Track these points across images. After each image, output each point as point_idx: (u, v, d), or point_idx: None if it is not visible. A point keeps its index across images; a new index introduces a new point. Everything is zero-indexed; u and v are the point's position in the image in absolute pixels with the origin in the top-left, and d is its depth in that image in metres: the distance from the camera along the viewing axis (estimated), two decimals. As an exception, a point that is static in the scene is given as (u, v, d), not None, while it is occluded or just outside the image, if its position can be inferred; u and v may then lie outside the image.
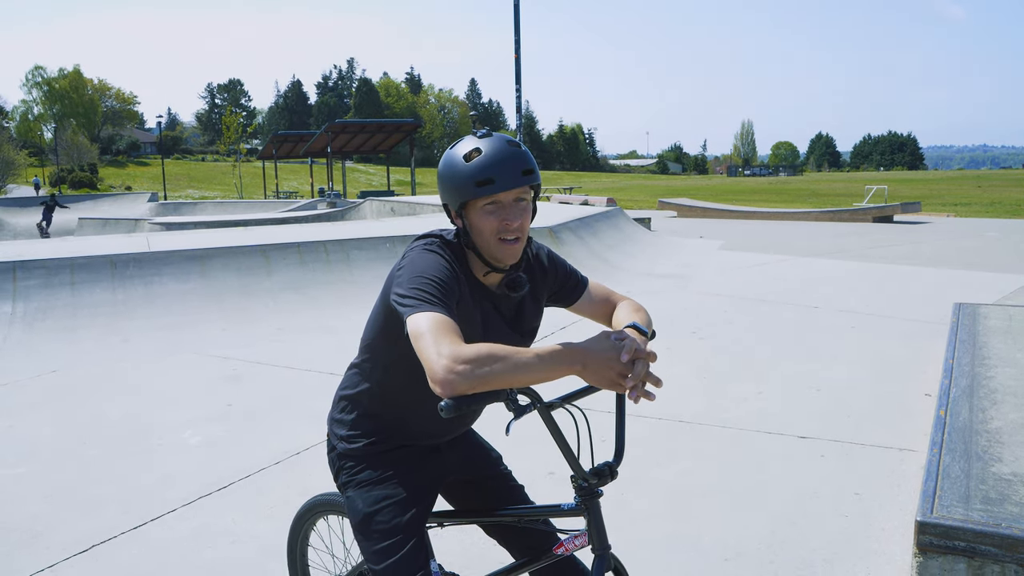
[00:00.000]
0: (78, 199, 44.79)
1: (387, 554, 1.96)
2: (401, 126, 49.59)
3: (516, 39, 24.05)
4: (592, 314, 2.20)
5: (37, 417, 5.51)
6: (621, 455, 1.89)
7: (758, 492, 4.09)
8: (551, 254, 2.16)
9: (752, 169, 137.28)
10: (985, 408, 3.95)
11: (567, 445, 1.82)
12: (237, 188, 67.65)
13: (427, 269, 1.80)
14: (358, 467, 2.07)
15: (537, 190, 1.96)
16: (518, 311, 2.07)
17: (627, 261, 13.05)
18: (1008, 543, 2.55)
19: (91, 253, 8.76)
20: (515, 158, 1.86)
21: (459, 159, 1.86)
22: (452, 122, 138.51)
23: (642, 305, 2.14)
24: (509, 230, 1.87)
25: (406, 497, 2.02)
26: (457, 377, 1.57)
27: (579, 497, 1.88)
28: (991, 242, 17.42)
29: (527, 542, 2.15)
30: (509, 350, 1.61)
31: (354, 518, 2.04)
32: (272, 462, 4.58)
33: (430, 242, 1.92)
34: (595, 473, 1.85)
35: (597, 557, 1.87)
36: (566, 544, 1.98)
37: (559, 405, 1.92)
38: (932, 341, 7.08)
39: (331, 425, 2.17)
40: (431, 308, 1.70)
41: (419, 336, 1.65)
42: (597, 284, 2.24)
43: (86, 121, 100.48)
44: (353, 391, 2.10)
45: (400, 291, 1.78)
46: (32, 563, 3.45)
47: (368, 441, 2.07)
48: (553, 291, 2.16)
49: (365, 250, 10.10)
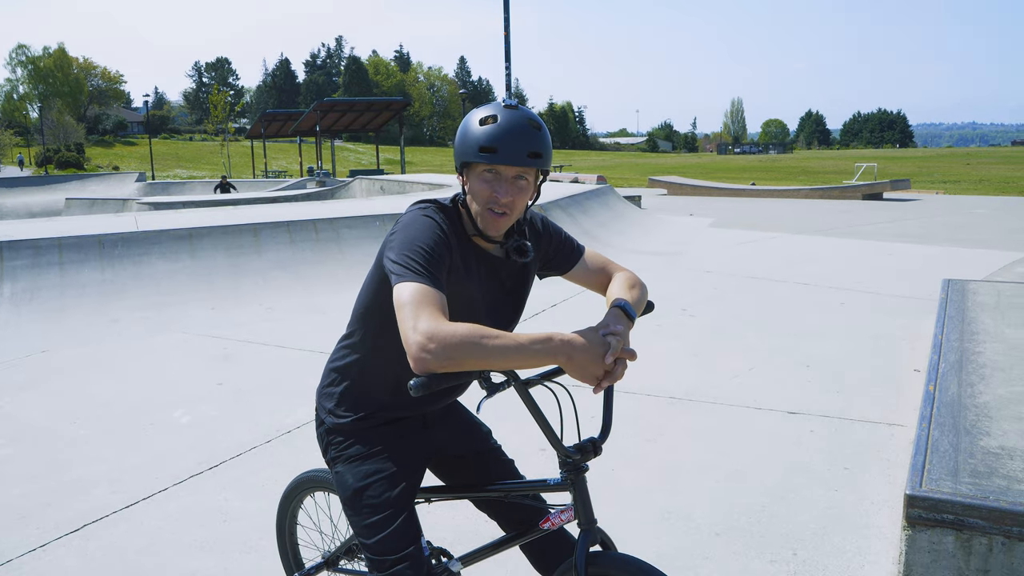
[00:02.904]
0: (65, 179, 44.40)
1: (378, 528, 1.96)
2: (390, 104, 49.19)
3: (505, 16, 23.86)
4: (588, 283, 2.18)
5: (26, 397, 5.49)
6: (608, 431, 1.90)
7: (748, 467, 4.11)
8: (545, 220, 2.14)
9: (742, 147, 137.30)
10: (973, 383, 3.97)
11: (546, 422, 1.82)
12: (225, 168, 67.04)
13: (419, 236, 1.79)
14: (347, 442, 2.06)
15: (544, 174, 1.94)
16: (515, 276, 2.05)
17: (617, 239, 13.04)
18: (995, 515, 2.57)
19: (79, 233, 8.69)
20: (527, 137, 1.83)
21: (475, 121, 1.86)
22: (441, 100, 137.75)
23: (639, 279, 2.12)
24: (499, 203, 1.85)
25: (396, 471, 2.02)
26: (429, 356, 1.58)
27: (564, 472, 1.88)
28: (979, 219, 17.49)
29: (516, 516, 2.16)
30: (490, 334, 1.61)
31: (343, 493, 2.04)
32: (263, 441, 4.57)
33: (425, 207, 1.91)
34: (579, 449, 1.86)
35: (583, 531, 1.88)
36: (552, 518, 1.99)
37: (538, 382, 1.92)
38: (921, 317, 7.12)
39: (320, 399, 2.16)
40: (416, 278, 1.70)
41: (400, 307, 1.66)
42: (594, 253, 2.21)
43: (72, 100, 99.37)
44: (342, 363, 2.09)
45: (392, 256, 1.78)
46: (22, 542, 3.44)
47: (357, 415, 2.06)
48: (548, 258, 2.14)
49: (355, 229, 10.05)
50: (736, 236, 14.04)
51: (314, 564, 2.60)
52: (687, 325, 7.27)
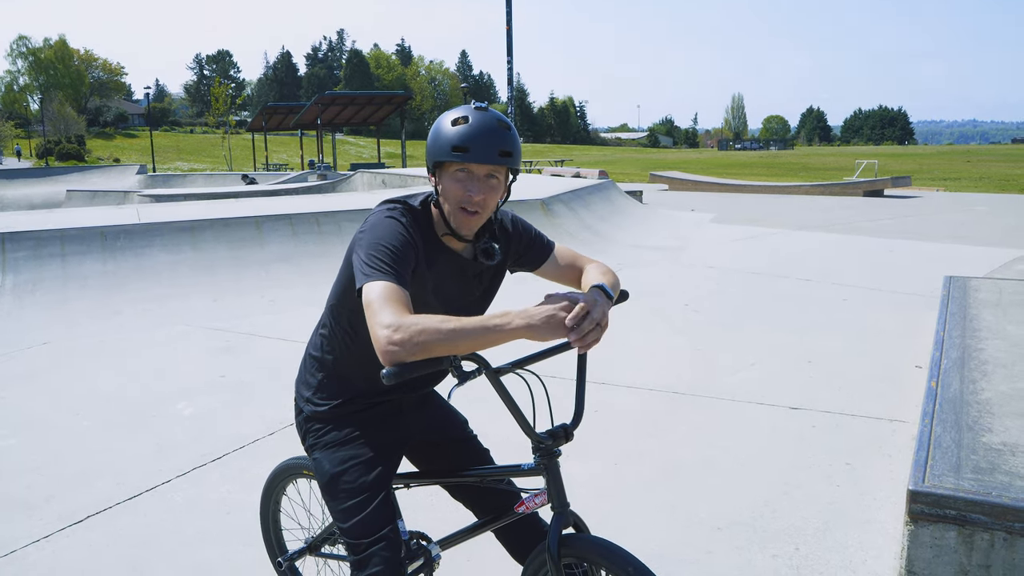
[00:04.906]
0: (66, 171, 44.39)
1: (353, 512, 2.02)
2: (391, 98, 49.11)
3: (508, 10, 23.83)
4: (559, 277, 2.24)
5: (29, 389, 5.50)
6: (580, 417, 1.96)
7: (750, 462, 4.12)
8: (515, 218, 2.20)
9: (743, 143, 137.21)
10: (976, 380, 3.98)
11: (518, 409, 1.87)
12: (226, 160, 67.19)
13: (384, 236, 1.85)
14: (324, 428, 2.13)
15: (514, 173, 1.99)
16: (483, 275, 2.11)
17: (619, 233, 13.04)
18: (997, 511, 2.58)
19: (81, 224, 8.70)
20: (497, 136, 1.88)
21: (447, 122, 1.91)
22: (443, 94, 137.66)
23: (610, 268, 2.17)
24: (471, 201, 1.90)
25: (372, 457, 2.07)
26: (396, 347, 1.64)
27: (537, 456, 1.93)
28: (981, 216, 17.48)
29: (490, 502, 2.21)
30: (451, 318, 1.66)
31: (321, 479, 2.10)
32: (266, 433, 4.58)
33: (392, 208, 1.97)
34: (551, 435, 1.91)
35: (556, 514, 1.93)
36: (527, 502, 2.05)
37: (509, 370, 1.96)
38: (923, 313, 7.12)
39: (298, 388, 2.24)
40: (382, 277, 1.76)
41: (368, 305, 1.73)
42: (564, 248, 2.27)
43: (73, 92, 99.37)
44: (318, 353, 2.16)
45: (360, 255, 1.84)
46: (26, 533, 3.45)
47: (334, 403, 2.13)
48: (519, 255, 2.19)
49: (357, 222, 9.98)
50: (737, 232, 14.04)
51: (297, 549, 2.67)
52: (689, 320, 7.28)
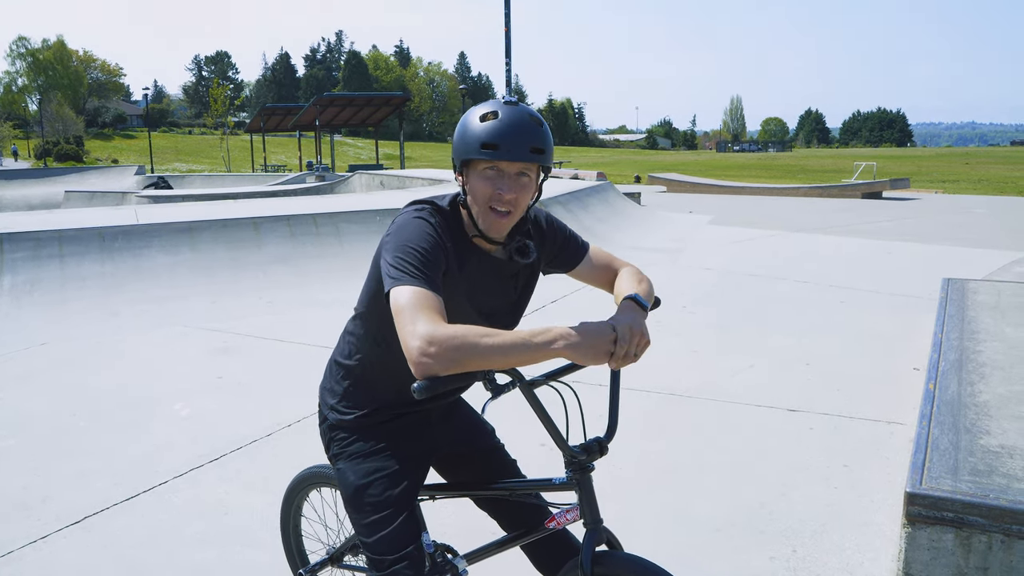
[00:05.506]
0: (64, 172, 44.34)
1: (378, 527, 1.94)
2: (390, 99, 49.15)
3: (506, 12, 23.82)
4: (593, 280, 2.15)
5: (27, 389, 5.49)
6: (613, 431, 1.87)
7: (748, 464, 4.12)
8: (550, 218, 2.11)
9: (741, 145, 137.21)
10: (973, 382, 3.98)
11: (551, 422, 1.80)
12: (225, 161, 67.15)
13: (412, 238, 1.76)
14: (349, 438, 2.04)
15: (546, 171, 1.90)
16: (519, 276, 2.02)
17: (617, 235, 13.05)
18: (995, 513, 2.58)
19: (80, 225, 8.68)
20: (528, 132, 1.80)
21: (475, 118, 1.82)
22: (441, 96, 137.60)
23: (644, 274, 2.09)
24: (501, 200, 1.81)
25: (398, 470, 1.99)
26: (430, 360, 1.55)
27: (570, 471, 1.85)
28: (979, 218, 17.50)
29: (519, 516, 2.12)
30: (489, 332, 1.58)
31: (345, 491, 2.01)
32: (263, 434, 4.58)
33: (420, 208, 1.87)
34: (584, 449, 1.83)
35: (589, 530, 1.84)
36: (558, 518, 1.95)
37: (543, 382, 1.88)
38: (921, 316, 7.13)
39: (323, 395, 2.14)
40: (411, 281, 1.67)
41: (398, 312, 1.64)
42: (598, 249, 2.19)
43: (71, 93, 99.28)
44: (346, 360, 2.07)
45: (387, 258, 1.75)
46: (24, 534, 3.44)
47: (360, 412, 2.03)
48: (552, 255, 2.10)
49: (355, 223, 10.05)
50: (735, 234, 14.05)
51: (319, 560, 2.60)
52: (687, 322, 7.28)
